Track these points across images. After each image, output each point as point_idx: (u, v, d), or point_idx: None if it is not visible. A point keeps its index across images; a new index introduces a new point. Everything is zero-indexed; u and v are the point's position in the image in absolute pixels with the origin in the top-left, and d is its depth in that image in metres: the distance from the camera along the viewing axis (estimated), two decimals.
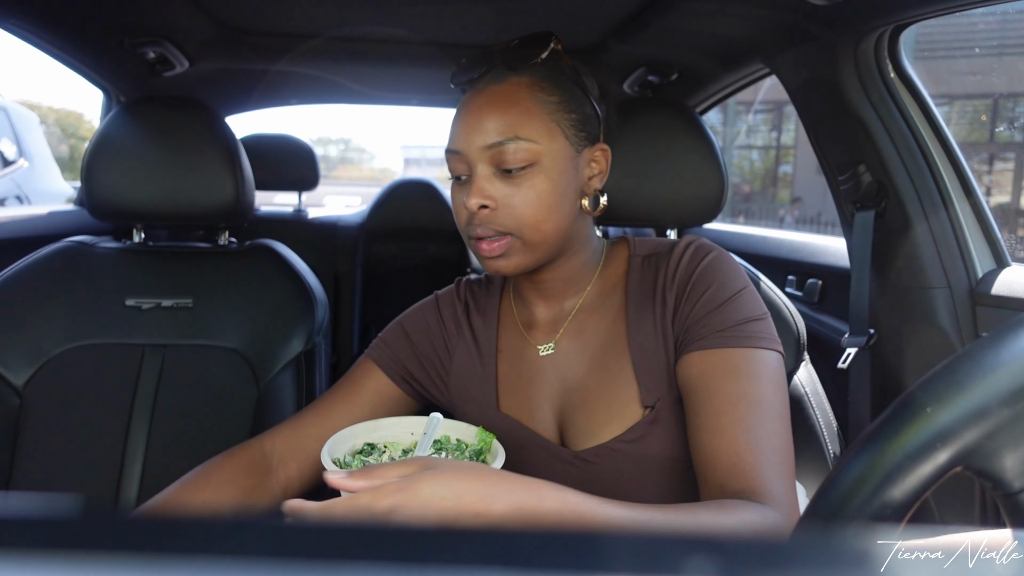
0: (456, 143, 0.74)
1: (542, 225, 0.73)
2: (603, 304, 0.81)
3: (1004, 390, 0.33)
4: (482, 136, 0.72)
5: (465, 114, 0.74)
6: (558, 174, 0.73)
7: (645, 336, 0.76)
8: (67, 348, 1.11)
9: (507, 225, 0.73)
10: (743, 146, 14.56)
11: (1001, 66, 4.91)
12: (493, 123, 0.72)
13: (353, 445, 0.74)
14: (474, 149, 0.72)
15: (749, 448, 0.64)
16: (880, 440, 0.35)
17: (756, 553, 0.23)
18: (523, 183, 0.72)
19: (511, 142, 0.71)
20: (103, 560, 0.20)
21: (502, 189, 0.72)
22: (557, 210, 0.73)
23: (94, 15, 1.26)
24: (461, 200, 0.75)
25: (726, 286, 0.74)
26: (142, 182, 1.13)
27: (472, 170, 0.73)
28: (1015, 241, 1.23)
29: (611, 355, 0.78)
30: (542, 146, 0.72)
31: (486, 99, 0.73)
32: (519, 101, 0.73)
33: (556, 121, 0.73)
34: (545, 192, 0.72)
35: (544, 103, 0.73)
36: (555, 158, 0.73)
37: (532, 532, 0.23)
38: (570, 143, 0.75)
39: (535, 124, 0.72)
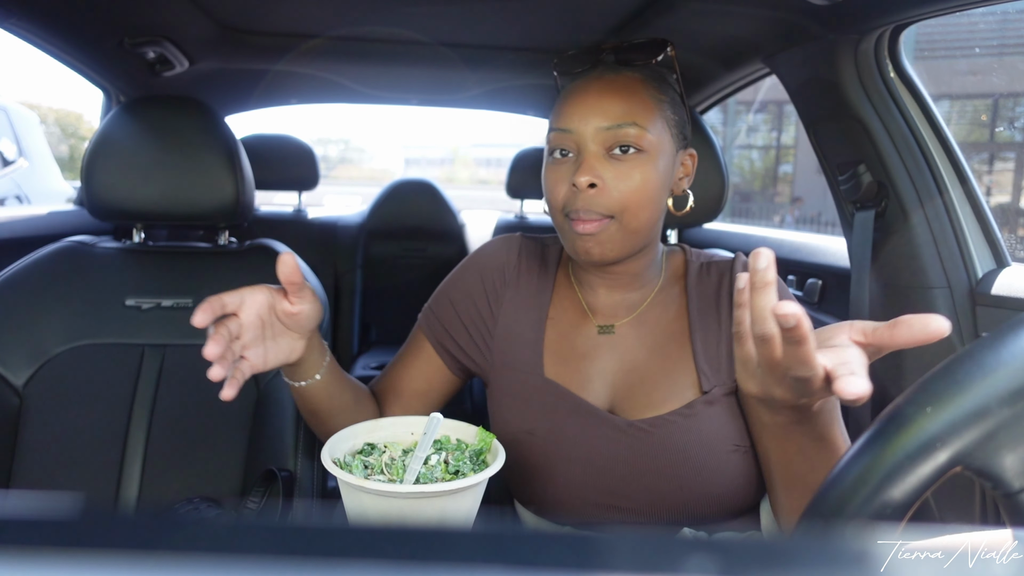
0: (570, 122, 0.77)
1: (641, 212, 0.77)
2: (664, 299, 0.87)
3: (1004, 390, 0.33)
4: (601, 117, 0.76)
5: (583, 95, 0.78)
6: (662, 167, 0.78)
7: (708, 332, 0.82)
8: (67, 348, 1.11)
9: (609, 207, 0.76)
10: (743, 146, 14.55)
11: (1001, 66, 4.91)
12: (614, 107, 0.76)
13: (353, 445, 0.74)
14: (590, 129, 0.76)
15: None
16: (880, 440, 0.35)
17: (756, 553, 0.23)
18: (632, 168, 0.76)
19: (629, 126, 0.75)
20: (103, 560, 0.20)
21: (610, 171, 0.76)
22: (656, 201, 0.78)
23: (94, 15, 1.26)
24: (561, 177, 0.78)
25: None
26: (142, 182, 1.13)
27: (582, 149, 0.77)
28: (1015, 241, 1.22)
29: (672, 345, 0.83)
30: (653, 137, 0.77)
31: (607, 85, 0.77)
32: (637, 92, 0.77)
33: (665, 119, 0.79)
34: (649, 180, 0.76)
35: (658, 100, 0.78)
36: (660, 151, 0.78)
37: (532, 532, 0.23)
38: (673, 141, 0.80)
39: (650, 116, 0.77)
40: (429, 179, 2.73)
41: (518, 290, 0.90)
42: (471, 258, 0.94)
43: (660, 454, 0.78)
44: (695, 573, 0.21)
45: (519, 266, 0.91)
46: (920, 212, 1.16)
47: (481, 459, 0.70)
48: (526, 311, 0.89)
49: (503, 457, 0.67)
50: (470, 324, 0.90)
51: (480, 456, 0.71)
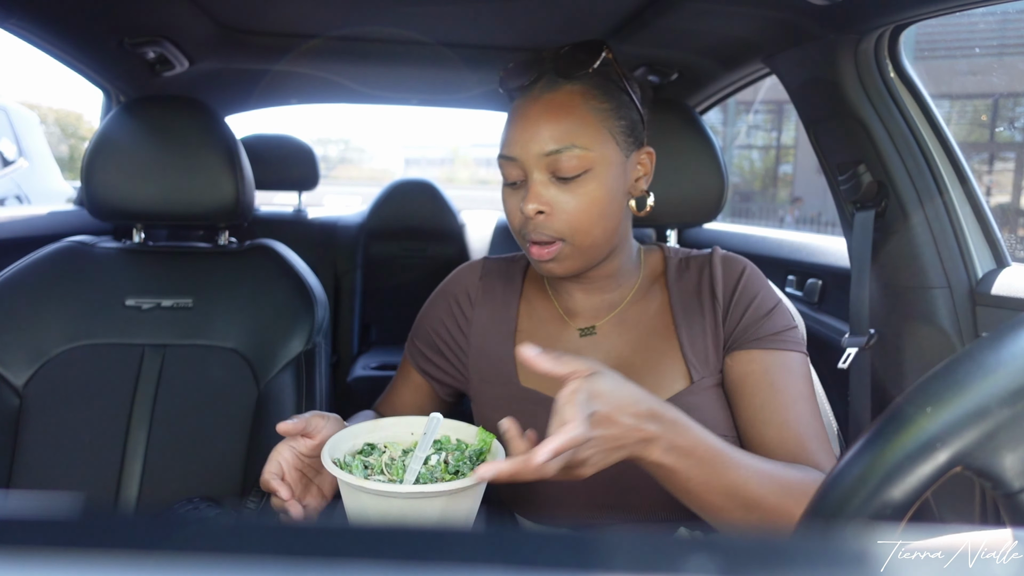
0: (512, 149, 0.77)
1: (593, 230, 0.77)
2: (644, 297, 0.87)
3: (1004, 390, 0.33)
4: (539, 144, 0.75)
5: (521, 121, 0.77)
6: (610, 180, 0.77)
7: (693, 325, 0.83)
8: (67, 348, 1.11)
9: (560, 230, 0.76)
10: (743, 146, 14.55)
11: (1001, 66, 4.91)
12: (550, 131, 0.75)
13: (353, 445, 0.74)
14: (531, 156, 0.75)
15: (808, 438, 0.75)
16: (880, 440, 0.35)
17: (756, 553, 0.23)
18: (577, 189, 0.75)
19: (567, 150, 0.74)
20: (103, 560, 0.20)
21: (557, 195, 0.76)
22: (607, 215, 0.78)
23: (94, 15, 1.26)
24: (515, 204, 0.79)
25: (769, 296, 0.83)
26: (142, 182, 1.13)
27: (528, 176, 0.77)
28: (1015, 241, 1.22)
29: (656, 339, 0.84)
30: (596, 153, 0.76)
31: (543, 107, 0.76)
32: (574, 109, 0.76)
33: (608, 128, 0.77)
34: (598, 198, 0.76)
35: (597, 111, 0.77)
36: (607, 164, 0.77)
37: (532, 532, 0.23)
38: (620, 149, 0.79)
39: (589, 132, 0.75)
40: (429, 179, 2.73)
41: (484, 308, 0.92)
42: (440, 287, 0.97)
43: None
44: (695, 573, 0.21)
45: (483, 287, 0.93)
46: (920, 212, 1.16)
47: (481, 459, 0.70)
48: (495, 326, 0.90)
49: (503, 458, 0.67)
50: (446, 349, 0.93)
51: (480, 456, 0.71)
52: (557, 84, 0.77)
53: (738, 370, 0.80)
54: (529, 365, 0.61)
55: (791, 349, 0.79)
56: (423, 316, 0.97)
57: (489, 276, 0.94)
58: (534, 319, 0.90)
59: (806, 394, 0.77)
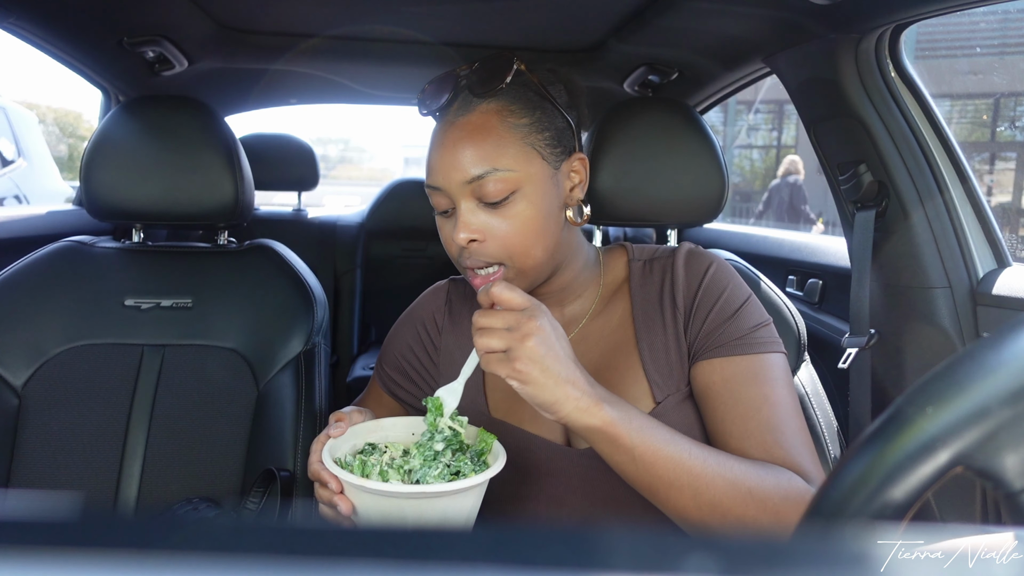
0: (435, 179, 0.74)
1: (531, 250, 0.74)
2: (606, 308, 0.84)
3: (1005, 390, 0.33)
4: (460, 171, 0.72)
5: (440, 150, 0.74)
6: (540, 197, 0.74)
7: (654, 337, 0.79)
8: (66, 348, 1.11)
9: (497, 255, 0.74)
10: (743, 146, 14.55)
11: (1002, 65, 4.91)
12: (469, 157, 0.71)
13: (354, 445, 0.74)
14: (454, 185, 0.73)
15: (777, 443, 0.70)
16: (881, 440, 0.34)
17: (756, 553, 0.23)
18: (507, 212, 0.73)
19: (489, 175, 0.71)
20: (103, 560, 0.20)
21: (488, 220, 0.73)
22: (544, 233, 0.74)
23: (93, 15, 1.26)
24: (449, 233, 0.76)
25: (735, 295, 0.78)
26: (141, 182, 1.13)
27: (455, 204, 0.74)
28: (1016, 241, 1.22)
29: (619, 356, 0.80)
30: (520, 173, 0.72)
31: (459, 132, 0.73)
32: (491, 130, 0.72)
33: (530, 144, 0.73)
34: (530, 217, 0.73)
35: (516, 128, 0.73)
36: (535, 182, 0.73)
37: (532, 532, 0.23)
38: (547, 163, 0.75)
39: (511, 152, 0.72)
40: None
41: (451, 336, 0.90)
42: (406, 312, 0.95)
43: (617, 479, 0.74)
44: (695, 573, 0.21)
45: (449, 312, 0.91)
46: (921, 212, 1.16)
47: (482, 460, 0.70)
48: (462, 353, 0.87)
49: (504, 458, 0.67)
50: (415, 375, 0.91)
51: (481, 457, 0.71)
52: (471, 104, 0.73)
53: (700, 382, 0.76)
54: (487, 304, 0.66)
55: (758, 352, 0.75)
56: (390, 342, 0.94)
57: (455, 300, 0.92)
58: None
59: (775, 397, 0.73)
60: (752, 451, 0.71)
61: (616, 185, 1.07)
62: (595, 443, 0.64)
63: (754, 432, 0.71)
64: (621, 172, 1.08)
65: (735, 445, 0.72)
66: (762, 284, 1.08)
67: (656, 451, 0.63)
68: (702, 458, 0.64)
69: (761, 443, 0.70)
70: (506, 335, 0.62)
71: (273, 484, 0.99)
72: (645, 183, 1.10)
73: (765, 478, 0.65)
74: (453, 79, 0.76)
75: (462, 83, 0.75)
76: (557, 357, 0.62)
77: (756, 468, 0.66)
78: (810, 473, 0.69)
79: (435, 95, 0.77)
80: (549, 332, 0.63)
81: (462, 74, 0.76)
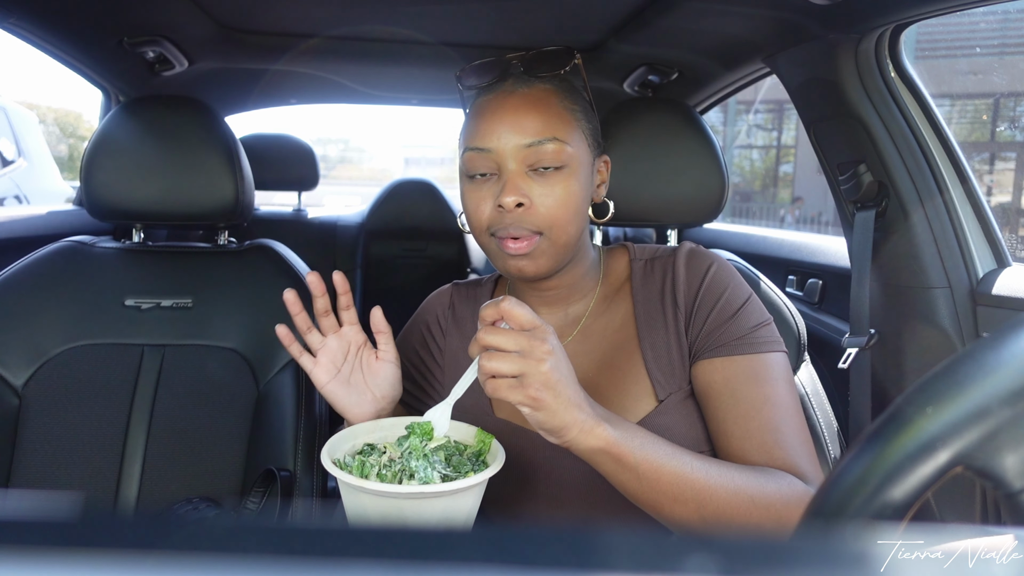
0: (488, 141, 0.75)
1: (569, 226, 0.76)
2: (608, 308, 0.84)
3: (1005, 390, 0.33)
4: (520, 135, 0.74)
5: (498, 113, 0.75)
6: (584, 178, 0.77)
7: (656, 336, 0.80)
8: (66, 348, 1.11)
9: (538, 224, 0.74)
10: (743, 146, 14.55)
11: (1002, 65, 4.91)
12: (532, 123, 0.74)
13: (353, 445, 0.74)
14: (510, 147, 0.74)
15: (777, 444, 0.70)
16: (881, 440, 0.35)
17: (756, 553, 0.23)
18: (556, 184, 0.74)
19: (549, 142, 0.73)
20: (103, 560, 0.20)
21: (535, 188, 0.74)
22: (580, 212, 0.77)
23: (93, 15, 1.26)
24: (482, 198, 0.76)
25: (736, 294, 0.79)
26: (141, 182, 1.13)
27: (503, 168, 0.75)
28: (1016, 241, 1.22)
29: (621, 355, 0.81)
30: (572, 149, 0.75)
31: (519, 100, 0.75)
32: (552, 105, 0.75)
33: (580, 128, 0.77)
34: (573, 193, 0.75)
35: (570, 110, 0.77)
36: (581, 163, 0.77)
37: (532, 532, 0.23)
38: (591, 150, 0.79)
39: (568, 128, 0.75)
40: (429, 179, 2.73)
41: (455, 338, 0.90)
42: (413, 316, 0.97)
43: None
44: (695, 573, 0.21)
45: (453, 315, 0.92)
46: (921, 212, 1.16)
47: (481, 460, 0.70)
48: (466, 354, 0.87)
49: (503, 458, 0.67)
50: (421, 379, 0.92)
51: (480, 457, 0.71)
52: (530, 82, 0.77)
53: (701, 381, 0.76)
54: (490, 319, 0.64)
55: (758, 351, 0.75)
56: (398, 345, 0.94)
57: (458, 303, 0.93)
58: None
59: (775, 396, 0.73)
60: (752, 451, 0.71)
61: (616, 185, 1.07)
62: (598, 464, 0.64)
63: (755, 432, 0.71)
64: (621, 172, 1.08)
65: (736, 445, 0.72)
66: (762, 284, 1.08)
67: (659, 467, 0.63)
68: (704, 470, 0.64)
69: (761, 444, 0.71)
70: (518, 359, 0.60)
71: (273, 484, 0.99)
72: (645, 183, 1.10)
73: (766, 485, 0.65)
74: (503, 62, 0.79)
75: (516, 66, 0.78)
76: (567, 382, 0.62)
77: (757, 475, 0.66)
78: (808, 474, 0.69)
79: (482, 71, 0.79)
80: (560, 355, 0.62)
81: (514, 59, 0.79)
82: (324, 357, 0.81)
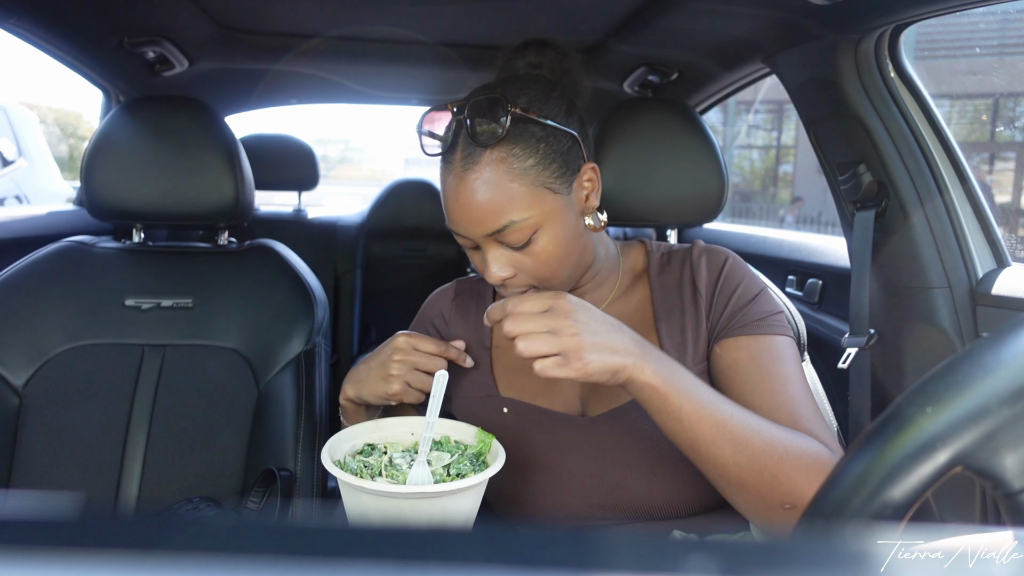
0: (457, 227, 0.77)
1: (560, 271, 0.78)
2: (625, 294, 0.89)
3: (1005, 390, 0.33)
4: (479, 226, 0.75)
5: (456, 204, 0.75)
6: (560, 228, 0.76)
7: (672, 319, 0.84)
8: (67, 348, 1.11)
9: (528, 284, 0.78)
10: (743, 146, 14.55)
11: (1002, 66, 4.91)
12: (485, 214, 0.74)
13: (353, 445, 0.74)
14: (477, 235, 0.76)
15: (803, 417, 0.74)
16: (880, 440, 0.35)
17: (756, 553, 0.23)
18: (532, 250, 0.76)
19: (508, 227, 0.74)
20: (103, 560, 0.20)
21: (516, 259, 0.77)
22: (568, 256, 0.78)
23: (94, 15, 1.26)
24: (478, 263, 0.80)
25: (753, 283, 0.84)
26: (141, 182, 1.13)
27: (482, 248, 0.77)
28: (1015, 241, 1.22)
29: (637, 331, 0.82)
30: (536, 215, 0.74)
31: (469, 189, 0.73)
32: (499, 183, 0.73)
33: (540, 184, 0.74)
34: (554, 249, 0.76)
35: (524, 173, 0.73)
36: (552, 217, 0.75)
37: (532, 532, 0.23)
38: (560, 194, 0.76)
39: (523, 200, 0.73)
40: (429, 179, 2.73)
41: (459, 327, 0.94)
42: (418, 313, 0.99)
43: (627, 443, 0.80)
44: (695, 573, 0.21)
45: (456, 307, 0.95)
46: (920, 212, 1.15)
47: (481, 460, 0.70)
48: (471, 342, 0.90)
49: (503, 458, 0.67)
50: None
51: (480, 457, 0.71)
52: (475, 155, 0.73)
53: (726, 358, 0.80)
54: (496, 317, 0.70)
55: (778, 333, 0.80)
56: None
57: (462, 296, 0.96)
58: None
59: (796, 376, 0.78)
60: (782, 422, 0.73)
61: (616, 185, 1.08)
62: (646, 399, 0.68)
63: (783, 405, 0.75)
64: (621, 172, 1.08)
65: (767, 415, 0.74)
66: None
67: (701, 409, 0.66)
68: (743, 418, 0.68)
69: (789, 415, 0.74)
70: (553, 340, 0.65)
71: (273, 484, 0.99)
72: (645, 183, 1.10)
73: (798, 442, 0.68)
74: (451, 120, 0.76)
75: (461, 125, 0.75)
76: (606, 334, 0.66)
77: (789, 433, 0.70)
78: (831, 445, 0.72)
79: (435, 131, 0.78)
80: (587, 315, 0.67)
81: (456, 114, 0.75)
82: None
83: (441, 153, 0.78)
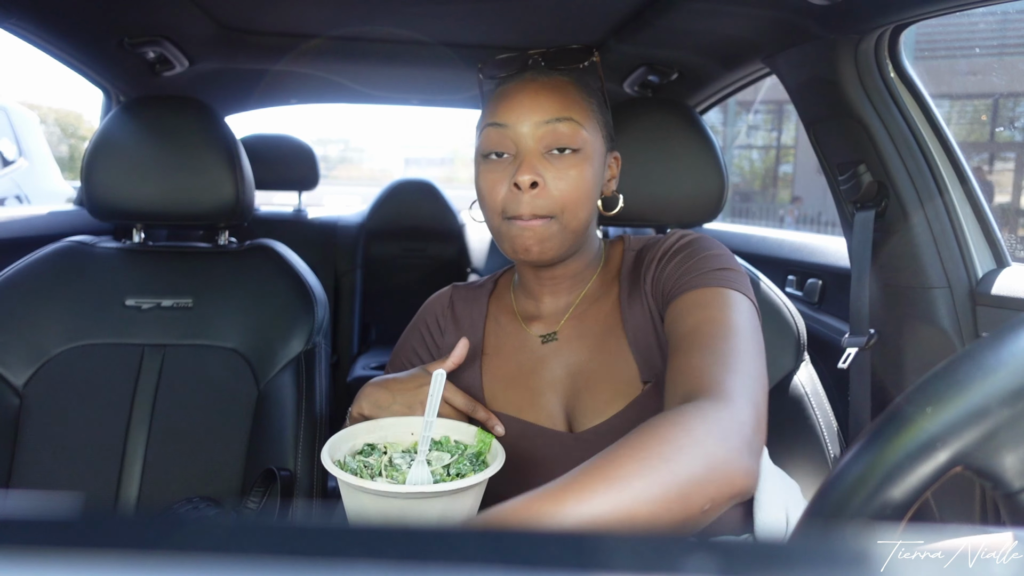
0: (507, 117, 0.77)
1: (580, 211, 0.77)
2: (602, 296, 0.87)
3: (1004, 390, 0.33)
4: (540, 112, 0.76)
5: (520, 93, 0.77)
6: (597, 166, 0.79)
7: (636, 317, 0.82)
8: (67, 348, 1.11)
9: (550, 207, 0.76)
10: (743, 146, 14.55)
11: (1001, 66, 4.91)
12: (552, 103, 0.76)
13: (353, 445, 0.74)
14: (529, 124, 0.76)
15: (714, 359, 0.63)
16: (880, 440, 0.35)
17: (756, 553, 0.23)
18: (570, 167, 0.76)
19: (567, 122, 0.75)
20: (103, 560, 0.20)
21: (550, 170, 0.76)
22: (592, 199, 0.79)
23: (94, 15, 1.26)
24: (497, 179, 0.77)
25: (701, 248, 0.78)
26: (142, 182, 1.13)
27: (519, 147, 0.76)
28: (1015, 241, 1.22)
29: (611, 339, 0.83)
30: (588, 134, 0.77)
31: (540, 85, 0.78)
32: (570, 92, 0.78)
33: (595, 119, 0.80)
34: (587, 179, 0.77)
35: (588, 101, 0.80)
36: (596, 151, 0.79)
37: (532, 532, 0.23)
38: (603, 142, 0.82)
39: (584, 114, 0.78)
40: (429, 179, 2.73)
41: (453, 336, 0.92)
42: (415, 317, 0.98)
43: None
44: (695, 573, 0.21)
45: (451, 314, 0.94)
46: (920, 212, 1.16)
47: (481, 460, 0.70)
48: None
49: (503, 457, 0.67)
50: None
51: (480, 457, 0.71)
52: (549, 73, 0.80)
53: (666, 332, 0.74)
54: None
55: (715, 285, 0.72)
56: (399, 347, 0.97)
57: (457, 303, 0.95)
58: (500, 336, 0.89)
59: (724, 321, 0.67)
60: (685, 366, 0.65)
61: (616, 185, 1.08)
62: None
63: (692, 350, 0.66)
64: (621, 172, 1.08)
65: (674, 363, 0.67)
66: (761, 284, 1.08)
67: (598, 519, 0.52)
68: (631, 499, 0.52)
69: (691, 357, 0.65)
70: None
71: (273, 484, 0.99)
72: (645, 183, 1.10)
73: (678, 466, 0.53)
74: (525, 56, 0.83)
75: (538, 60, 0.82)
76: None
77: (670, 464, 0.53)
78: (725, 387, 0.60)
79: (505, 63, 0.84)
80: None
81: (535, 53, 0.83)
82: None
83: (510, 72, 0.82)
